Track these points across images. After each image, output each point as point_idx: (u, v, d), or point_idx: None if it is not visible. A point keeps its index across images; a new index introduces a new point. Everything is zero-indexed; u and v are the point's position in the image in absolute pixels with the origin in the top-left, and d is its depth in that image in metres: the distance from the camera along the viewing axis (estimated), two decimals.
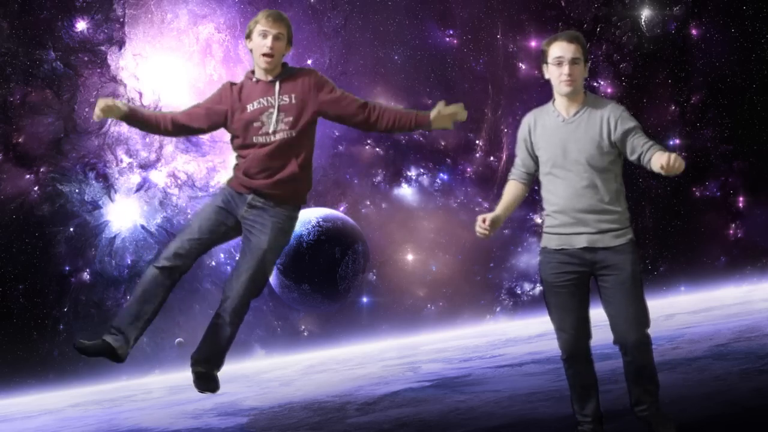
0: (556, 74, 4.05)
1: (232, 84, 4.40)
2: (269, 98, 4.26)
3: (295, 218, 4.37)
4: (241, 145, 4.31)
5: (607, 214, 4.03)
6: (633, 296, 4.02)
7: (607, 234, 4.03)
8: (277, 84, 4.28)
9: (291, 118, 4.24)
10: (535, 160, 4.20)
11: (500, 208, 4.28)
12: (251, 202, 4.26)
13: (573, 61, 4.02)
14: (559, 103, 4.14)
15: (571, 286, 4.07)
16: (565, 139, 4.06)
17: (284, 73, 4.32)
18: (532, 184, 4.29)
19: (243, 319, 4.36)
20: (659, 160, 3.81)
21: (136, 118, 4.32)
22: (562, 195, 4.06)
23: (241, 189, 4.30)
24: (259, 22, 4.27)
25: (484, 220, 4.14)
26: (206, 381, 4.39)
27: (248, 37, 4.33)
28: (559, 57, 4.02)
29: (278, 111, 4.24)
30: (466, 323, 16.42)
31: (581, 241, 4.04)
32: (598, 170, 4.01)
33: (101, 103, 4.20)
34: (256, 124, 4.25)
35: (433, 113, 4.24)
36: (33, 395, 14.09)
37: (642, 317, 4.04)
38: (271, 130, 4.22)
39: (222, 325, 4.31)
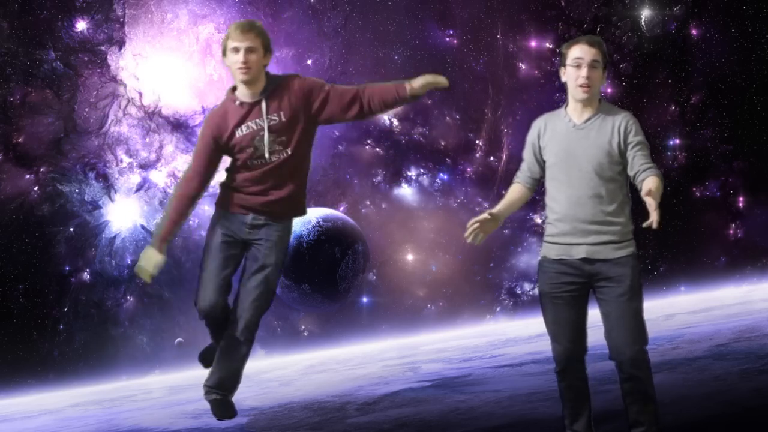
0: (574, 77, 3.94)
1: (212, 116, 4.17)
2: (257, 121, 4.07)
3: (290, 230, 4.35)
4: (235, 167, 4.17)
5: (608, 225, 3.92)
6: (630, 311, 3.90)
7: (608, 246, 3.92)
8: (263, 103, 4.08)
9: (284, 138, 4.08)
10: (542, 165, 4.10)
11: (500, 207, 4.17)
12: (252, 223, 4.17)
13: (592, 65, 3.91)
14: (572, 108, 4.04)
15: (568, 297, 3.97)
16: (574, 145, 3.96)
17: (269, 87, 4.12)
18: (537, 188, 4.19)
19: (255, 337, 4.30)
20: (647, 185, 3.71)
21: (173, 233, 4.21)
22: (564, 203, 3.95)
23: (236, 210, 4.17)
24: (230, 37, 4.06)
25: (475, 222, 3.97)
26: (223, 407, 4.32)
27: (224, 54, 4.11)
28: (578, 58, 3.92)
29: (269, 132, 4.06)
30: (466, 323, 16.42)
31: (580, 252, 3.93)
32: (605, 179, 3.91)
33: (147, 271, 4.14)
34: (249, 150, 4.07)
35: (414, 84, 4.03)
36: (33, 395, 14.07)
37: (639, 333, 3.91)
38: (266, 154, 4.07)
39: (236, 345, 4.22)
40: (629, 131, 3.93)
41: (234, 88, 4.18)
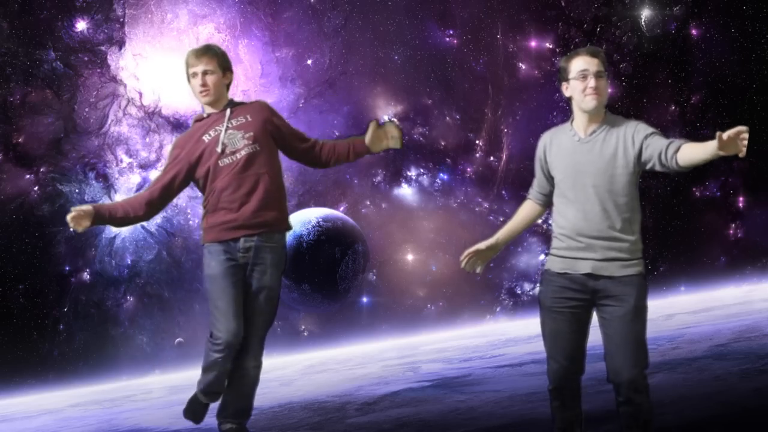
0: (580, 88, 3.81)
1: (178, 137, 4.36)
2: (224, 124, 4.19)
3: (285, 246, 4.32)
4: (210, 175, 4.18)
5: (616, 241, 3.78)
6: (632, 332, 3.74)
7: (614, 263, 3.78)
8: (228, 110, 4.22)
9: (251, 133, 4.16)
10: (551, 180, 3.99)
11: (503, 231, 4.12)
12: (244, 246, 4.16)
13: (598, 74, 3.79)
14: (578, 121, 3.91)
15: (568, 313, 3.83)
16: (580, 159, 3.84)
17: (234, 103, 4.27)
18: (550, 203, 4.06)
19: (262, 360, 4.32)
20: (719, 135, 3.44)
21: (105, 217, 4.21)
22: (571, 218, 3.84)
23: (227, 235, 4.17)
24: (188, 64, 4.22)
25: (469, 253, 4.01)
26: None
27: (189, 81, 4.28)
28: (583, 70, 3.80)
29: (236, 130, 4.16)
30: (466, 323, 16.43)
31: (585, 267, 3.80)
32: (612, 194, 3.79)
33: (72, 217, 4.11)
34: (217, 149, 4.13)
35: (367, 137, 4.27)
36: (33, 395, 14.08)
37: (639, 356, 3.75)
38: (236, 147, 4.13)
39: (247, 371, 4.23)
40: (636, 131, 3.82)
41: (201, 114, 4.34)
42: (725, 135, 3.48)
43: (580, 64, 3.84)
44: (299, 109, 15.02)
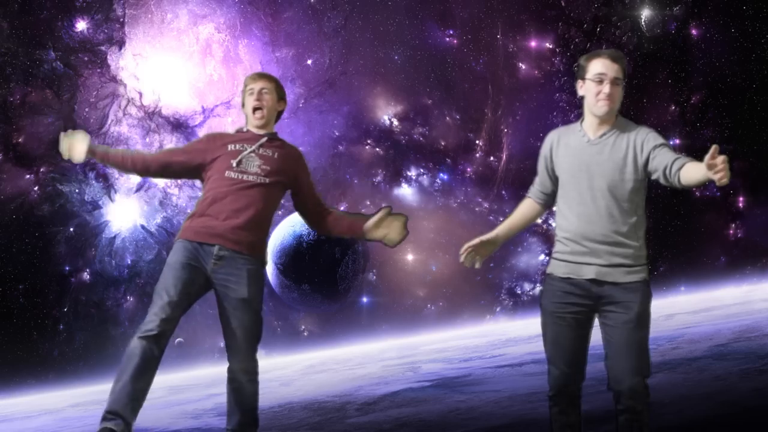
0: (594, 91, 3.75)
1: (212, 133, 4.41)
2: (251, 145, 4.22)
3: (264, 271, 4.25)
4: (212, 180, 4.19)
5: (621, 247, 3.73)
6: (635, 340, 3.67)
7: (618, 269, 3.72)
8: (264, 138, 4.25)
9: (269, 168, 4.16)
10: (554, 180, 3.93)
11: (502, 227, 4.06)
12: (218, 254, 4.05)
13: (614, 81, 3.73)
14: (588, 123, 3.85)
15: (570, 318, 3.76)
16: (588, 161, 3.78)
17: (274, 134, 4.32)
18: (551, 204, 4.00)
19: (258, 370, 4.20)
20: (707, 159, 3.42)
21: (97, 150, 4.49)
22: (575, 221, 3.78)
23: (203, 238, 4.09)
24: (246, 84, 4.32)
25: (468, 247, 3.97)
26: None
27: (244, 105, 4.36)
28: (601, 74, 3.73)
29: (258, 157, 4.19)
30: (466, 323, 16.44)
31: (589, 272, 3.74)
32: (618, 199, 3.73)
33: (66, 145, 4.44)
34: (233, 161, 4.16)
35: (370, 222, 4.22)
36: (33, 395, 14.08)
37: (641, 364, 3.68)
38: (248, 170, 4.15)
39: (242, 388, 4.14)
40: (646, 140, 3.75)
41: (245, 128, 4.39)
42: (707, 159, 3.50)
43: (599, 66, 3.77)
44: (299, 109, 15.03)
